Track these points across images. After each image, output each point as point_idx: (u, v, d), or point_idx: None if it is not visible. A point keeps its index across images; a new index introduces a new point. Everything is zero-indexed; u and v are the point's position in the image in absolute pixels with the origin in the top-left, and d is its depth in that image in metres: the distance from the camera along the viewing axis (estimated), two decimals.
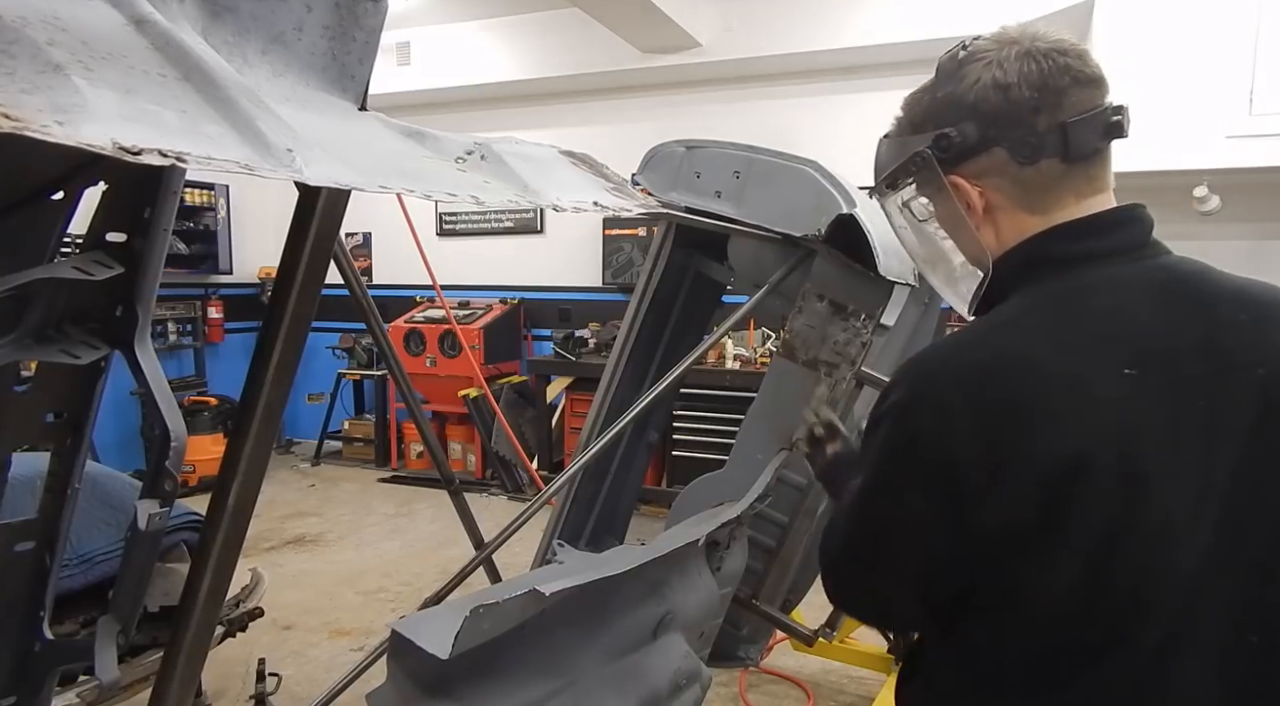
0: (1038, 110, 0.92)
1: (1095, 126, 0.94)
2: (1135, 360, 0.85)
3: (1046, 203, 0.96)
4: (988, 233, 1.00)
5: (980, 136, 0.95)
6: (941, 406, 0.88)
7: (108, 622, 1.30)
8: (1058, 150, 0.93)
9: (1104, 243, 0.94)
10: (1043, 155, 0.93)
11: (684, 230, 2.22)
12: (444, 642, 1.12)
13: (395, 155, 0.86)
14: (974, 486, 0.85)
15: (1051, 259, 0.95)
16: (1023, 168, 0.94)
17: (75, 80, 0.56)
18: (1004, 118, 0.94)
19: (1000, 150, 0.95)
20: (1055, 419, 0.83)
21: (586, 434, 2.33)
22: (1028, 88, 0.92)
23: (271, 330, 0.95)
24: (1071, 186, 0.95)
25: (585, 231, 6.53)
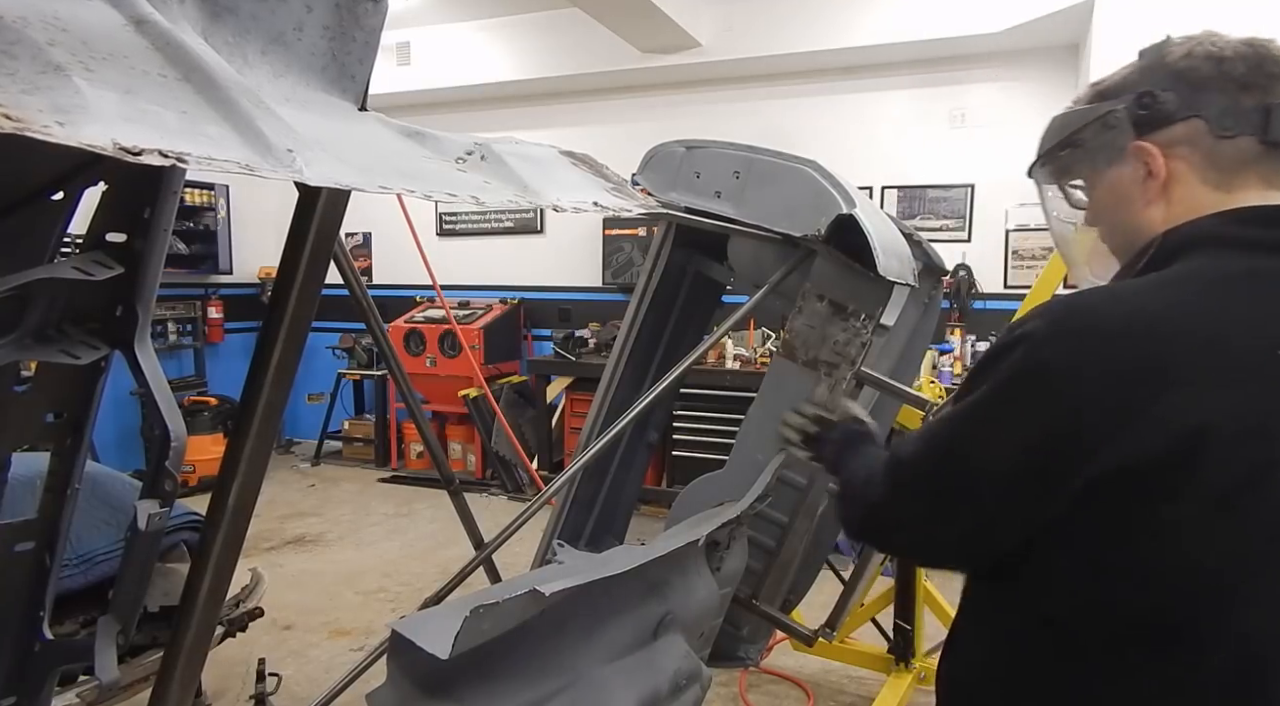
0: (1247, 87, 0.93)
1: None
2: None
3: (1234, 181, 0.95)
4: (1158, 207, 0.99)
5: (1182, 103, 0.95)
6: (1085, 347, 0.86)
7: (108, 622, 1.30)
8: (1258, 129, 0.93)
9: (1273, 233, 0.92)
10: (1243, 131, 0.93)
11: (684, 230, 2.22)
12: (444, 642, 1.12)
13: (395, 155, 0.86)
14: (1096, 432, 0.84)
15: (1231, 238, 0.92)
16: (1219, 141, 0.94)
17: (76, 81, 0.56)
18: (1212, 87, 0.94)
19: (1199, 121, 0.95)
20: (1193, 385, 0.83)
21: (586, 434, 2.33)
22: (1242, 64, 0.94)
23: (271, 330, 0.95)
24: (1262, 170, 0.94)
25: (585, 231, 6.53)
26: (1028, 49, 5.11)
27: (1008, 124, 5.25)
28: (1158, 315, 0.87)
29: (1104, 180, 1.04)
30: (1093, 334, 0.87)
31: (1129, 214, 1.01)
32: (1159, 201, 0.98)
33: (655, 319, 2.38)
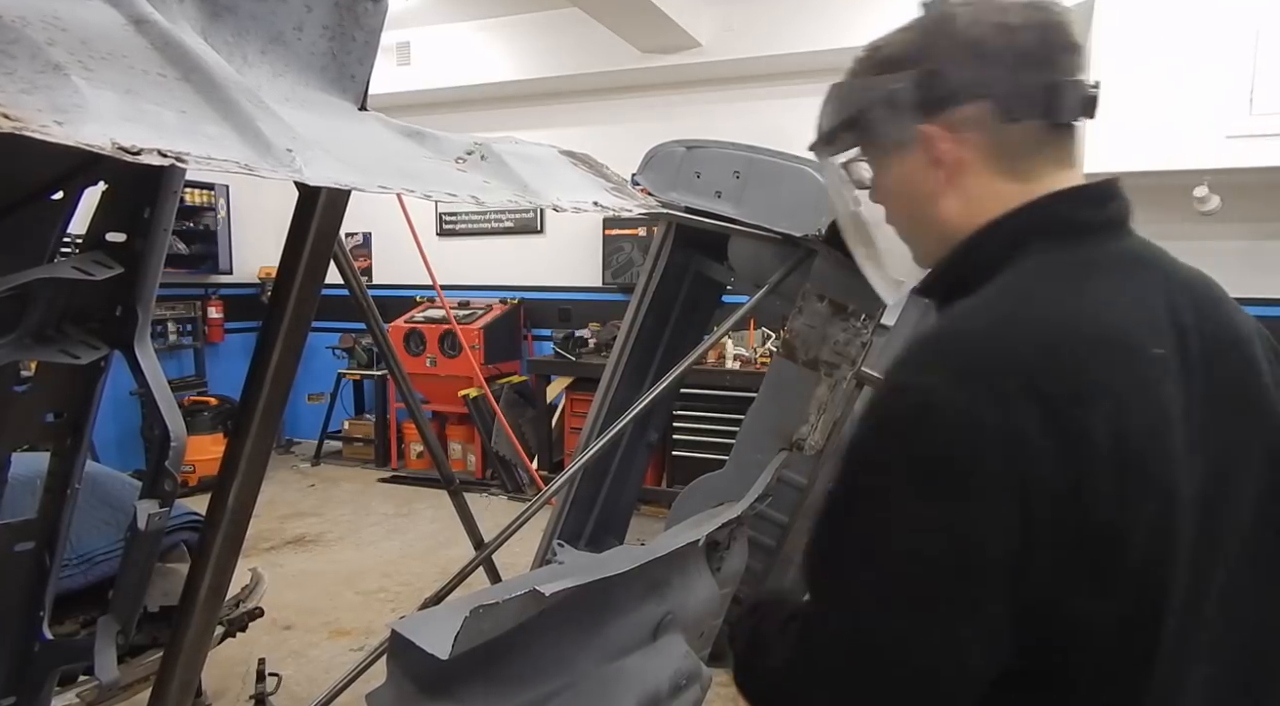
0: (1036, 62, 0.83)
1: (1077, 95, 0.84)
2: (1158, 340, 0.76)
3: (1027, 169, 0.85)
4: (950, 199, 0.88)
5: (970, 81, 0.84)
6: (998, 394, 0.70)
7: (108, 622, 1.30)
8: (1043, 110, 0.83)
9: (1099, 213, 0.85)
10: (1029, 114, 0.83)
11: (684, 230, 2.22)
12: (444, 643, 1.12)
13: (395, 155, 0.86)
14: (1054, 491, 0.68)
15: (1059, 227, 0.83)
16: (1005, 126, 0.84)
17: (75, 80, 0.56)
18: (1001, 63, 0.83)
19: (986, 102, 0.83)
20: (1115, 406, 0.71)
21: (586, 434, 2.33)
22: (1032, 35, 0.82)
23: (271, 330, 0.95)
24: (1052, 154, 0.85)
25: (585, 231, 6.53)
26: None
27: None
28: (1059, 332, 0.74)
29: (889, 167, 0.93)
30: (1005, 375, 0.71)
31: (920, 205, 0.91)
32: (950, 192, 0.88)
33: (655, 319, 2.38)
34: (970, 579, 0.70)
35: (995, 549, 0.69)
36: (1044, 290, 0.79)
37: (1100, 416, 0.70)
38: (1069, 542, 0.70)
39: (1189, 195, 4.33)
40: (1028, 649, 0.72)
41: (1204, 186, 4.28)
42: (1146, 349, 0.75)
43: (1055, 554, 0.69)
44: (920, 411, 0.72)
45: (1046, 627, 0.72)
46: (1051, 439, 0.69)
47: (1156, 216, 4.93)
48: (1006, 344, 0.74)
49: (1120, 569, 0.71)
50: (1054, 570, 0.70)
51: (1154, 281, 0.82)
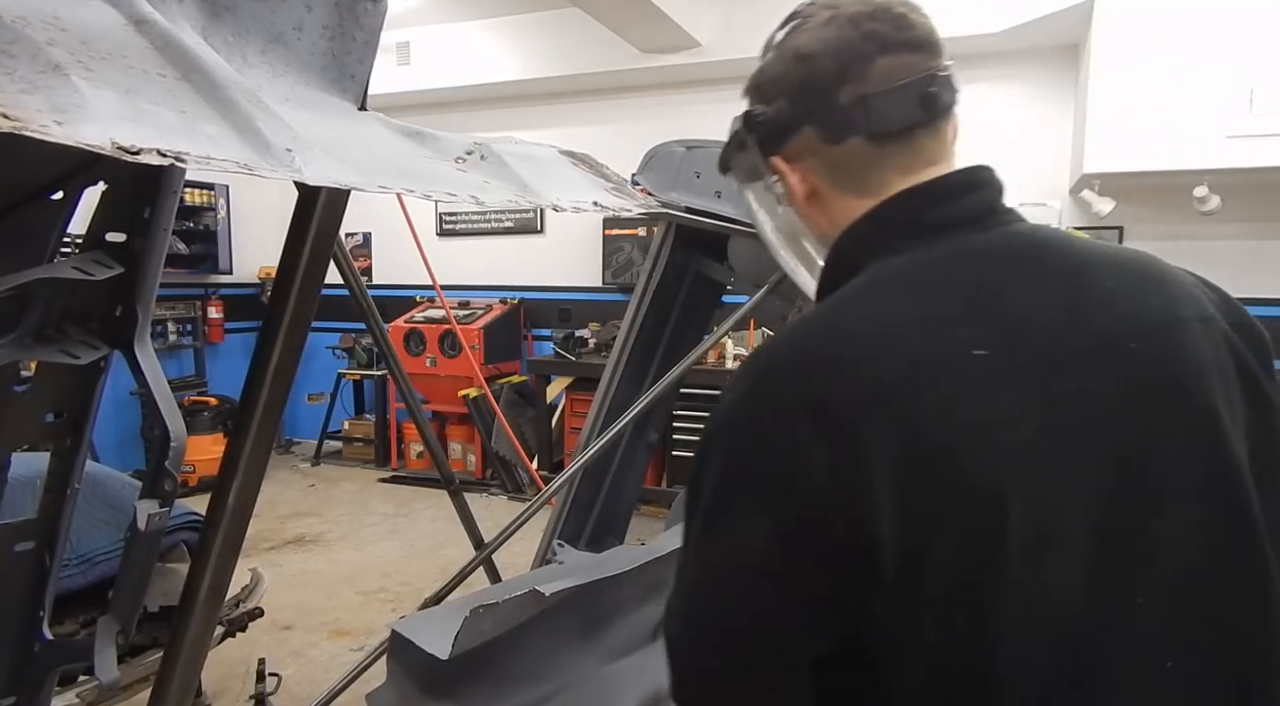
0: (841, 82, 0.82)
1: (907, 97, 0.82)
2: (987, 339, 0.73)
3: (868, 184, 0.85)
4: (820, 219, 0.90)
5: (791, 114, 0.86)
6: (783, 405, 0.72)
7: (108, 622, 1.30)
8: (863, 127, 0.82)
9: (948, 210, 0.82)
10: (848, 133, 0.83)
11: (684, 230, 2.22)
12: (444, 643, 1.12)
13: (395, 155, 0.86)
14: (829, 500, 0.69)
15: (891, 232, 0.83)
16: (831, 148, 0.84)
17: (75, 80, 0.56)
18: (808, 92, 0.84)
19: (809, 129, 0.85)
20: (903, 417, 0.69)
21: (586, 434, 2.33)
22: (829, 58, 0.82)
23: (271, 330, 0.95)
24: (892, 164, 0.84)
25: (585, 231, 6.53)
26: (1028, 49, 5.11)
27: (1008, 124, 5.25)
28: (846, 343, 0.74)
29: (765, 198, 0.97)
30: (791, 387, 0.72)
31: (808, 224, 0.93)
32: (816, 213, 0.90)
33: (655, 319, 2.38)
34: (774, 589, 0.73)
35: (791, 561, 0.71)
36: (853, 301, 0.79)
37: (880, 426, 0.69)
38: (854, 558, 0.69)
39: (1189, 195, 4.33)
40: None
41: (1204, 186, 4.29)
42: (958, 352, 0.72)
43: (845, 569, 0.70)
44: (722, 428, 0.76)
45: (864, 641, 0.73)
46: (830, 452, 0.69)
47: (1156, 216, 4.93)
48: (799, 358, 0.75)
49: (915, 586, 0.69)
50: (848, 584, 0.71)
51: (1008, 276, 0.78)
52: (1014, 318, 0.75)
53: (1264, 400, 0.80)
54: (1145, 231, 4.94)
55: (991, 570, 0.69)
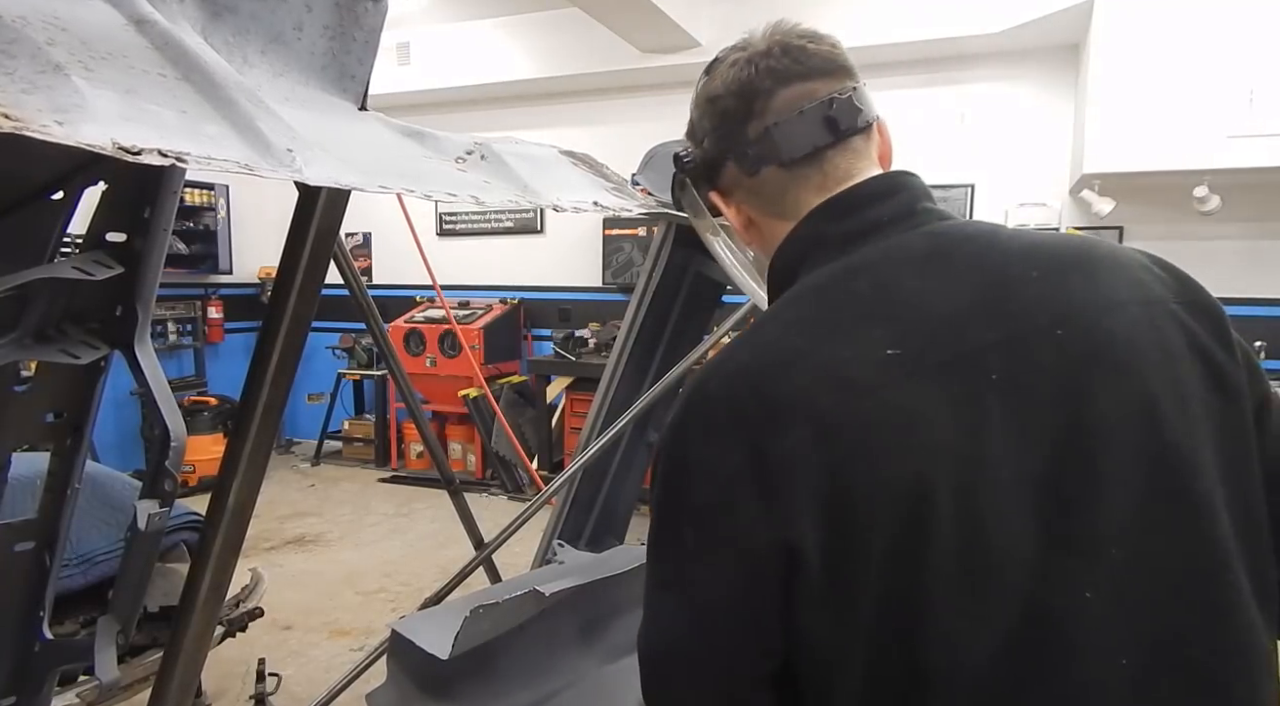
0: (746, 118, 0.88)
1: (808, 123, 0.86)
2: (901, 338, 0.73)
3: (786, 207, 0.89)
4: (759, 245, 0.97)
5: (715, 152, 0.93)
6: (709, 423, 0.75)
7: (108, 622, 1.30)
8: (772, 156, 0.87)
9: (855, 220, 0.85)
10: (762, 163, 0.88)
11: (684, 230, 2.22)
12: (444, 643, 1.12)
13: (395, 155, 0.86)
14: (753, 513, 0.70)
15: (809, 246, 0.87)
16: (751, 178, 0.90)
17: (75, 80, 0.56)
18: (721, 130, 0.91)
19: (731, 164, 0.91)
20: (817, 422, 0.70)
21: (586, 434, 2.33)
22: (732, 97, 0.89)
23: (271, 330, 0.95)
24: (807, 186, 0.88)
25: (585, 231, 6.53)
26: (1028, 49, 5.11)
27: (1008, 124, 5.25)
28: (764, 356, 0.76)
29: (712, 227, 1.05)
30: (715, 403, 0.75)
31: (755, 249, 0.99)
32: (757, 243, 0.96)
33: (655, 319, 2.38)
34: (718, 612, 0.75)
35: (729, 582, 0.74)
36: (771, 316, 0.82)
37: (799, 435, 0.70)
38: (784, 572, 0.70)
39: (1189, 195, 4.33)
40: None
41: (1204, 186, 4.29)
42: (872, 353, 0.72)
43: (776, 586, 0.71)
44: (660, 454, 0.79)
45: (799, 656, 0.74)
46: (752, 467, 0.71)
47: (1156, 216, 4.93)
48: (722, 375, 0.78)
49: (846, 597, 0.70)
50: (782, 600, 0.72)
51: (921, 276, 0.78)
52: (927, 315, 0.75)
53: (1225, 379, 0.78)
54: (1145, 231, 4.94)
55: (923, 574, 0.69)
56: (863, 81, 0.90)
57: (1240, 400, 0.78)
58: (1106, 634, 0.70)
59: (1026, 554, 0.70)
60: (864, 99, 0.89)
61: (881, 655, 0.70)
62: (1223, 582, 0.73)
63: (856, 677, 0.71)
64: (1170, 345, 0.77)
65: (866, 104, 0.89)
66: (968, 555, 0.69)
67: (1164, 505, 0.73)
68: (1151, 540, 0.72)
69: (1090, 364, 0.74)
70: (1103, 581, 0.70)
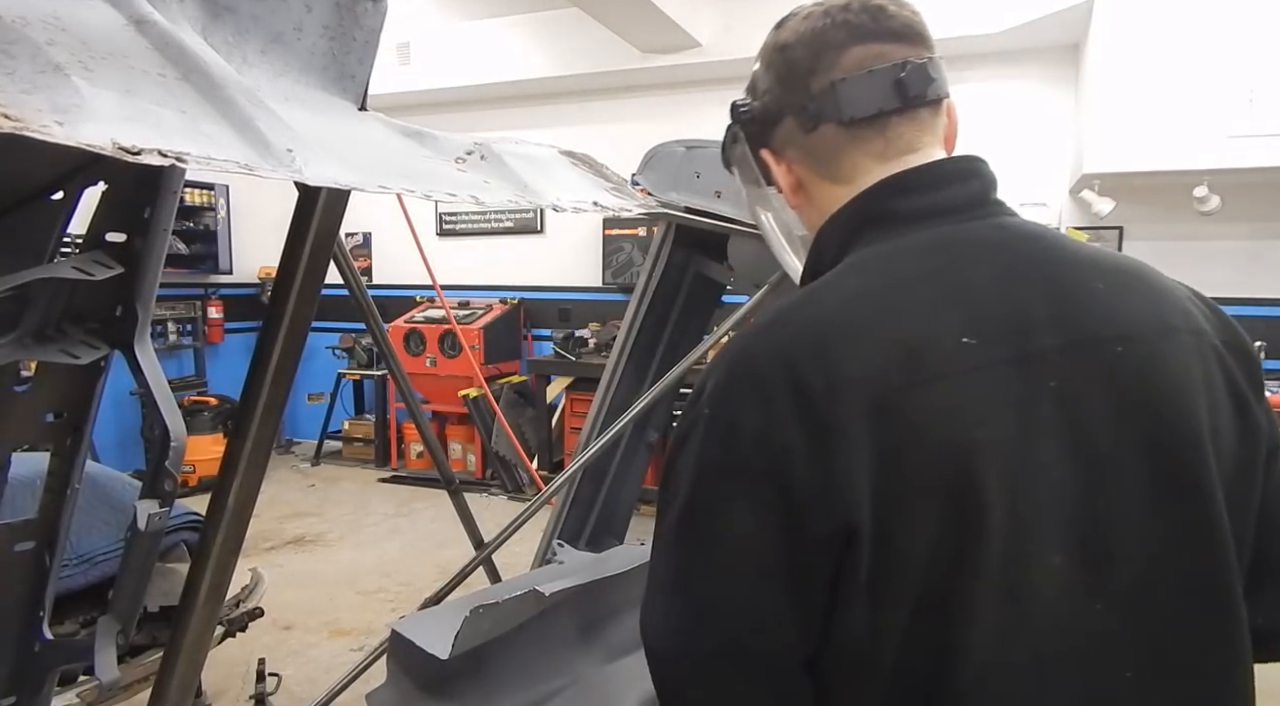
0: (812, 70, 0.84)
1: (877, 84, 0.82)
2: (974, 328, 0.71)
3: (842, 170, 0.86)
4: (807, 209, 0.92)
5: (773, 106, 0.89)
6: (761, 389, 0.71)
7: (108, 622, 1.30)
8: (834, 113, 0.83)
9: (933, 199, 0.82)
10: (821, 120, 0.84)
11: (684, 230, 2.22)
12: (444, 642, 1.12)
13: (395, 155, 0.86)
14: (807, 487, 0.68)
15: (869, 220, 0.83)
16: (807, 136, 0.86)
17: (75, 80, 0.56)
18: (786, 82, 0.87)
19: (789, 119, 0.87)
20: (882, 401, 0.68)
21: (586, 434, 2.33)
22: (802, 47, 0.85)
23: (271, 330, 0.95)
24: (866, 150, 0.84)
25: (585, 231, 6.53)
26: (1028, 48, 5.11)
27: (1008, 123, 5.25)
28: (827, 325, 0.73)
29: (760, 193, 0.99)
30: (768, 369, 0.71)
31: (801, 216, 0.95)
32: (804, 204, 0.92)
33: (655, 319, 2.38)
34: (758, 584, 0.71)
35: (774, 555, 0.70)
36: (831, 287, 0.78)
37: (857, 409, 0.67)
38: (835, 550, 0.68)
39: (1189, 195, 4.33)
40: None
41: (1204, 186, 4.28)
42: (945, 339, 0.71)
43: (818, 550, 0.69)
44: (699, 418, 0.74)
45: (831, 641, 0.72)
46: (804, 434, 0.68)
47: (1156, 216, 4.93)
48: (776, 344, 0.74)
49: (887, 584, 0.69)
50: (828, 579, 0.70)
51: (991, 270, 0.77)
52: (997, 309, 0.73)
53: (1252, 423, 0.79)
54: (1145, 231, 4.94)
55: (964, 572, 0.68)
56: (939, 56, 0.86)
57: (1259, 445, 0.79)
58: (1116, 649, 0.71)
59: (1059, 564, 0.70)
60: (939, 71, 0.85)
61: (911, 654, 0.70)
62: (1231, 617, 0.75)
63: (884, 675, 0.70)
64: (1212, 378, 0.77)
65: (941, 77, 0.85)
66: (1011, 562, 0.69)
67: (1187, 534, 0.74)
68: (1169, 563, 0.73)
69: (1143, 383, 0.74)
70: (1117, 597, 0.71)
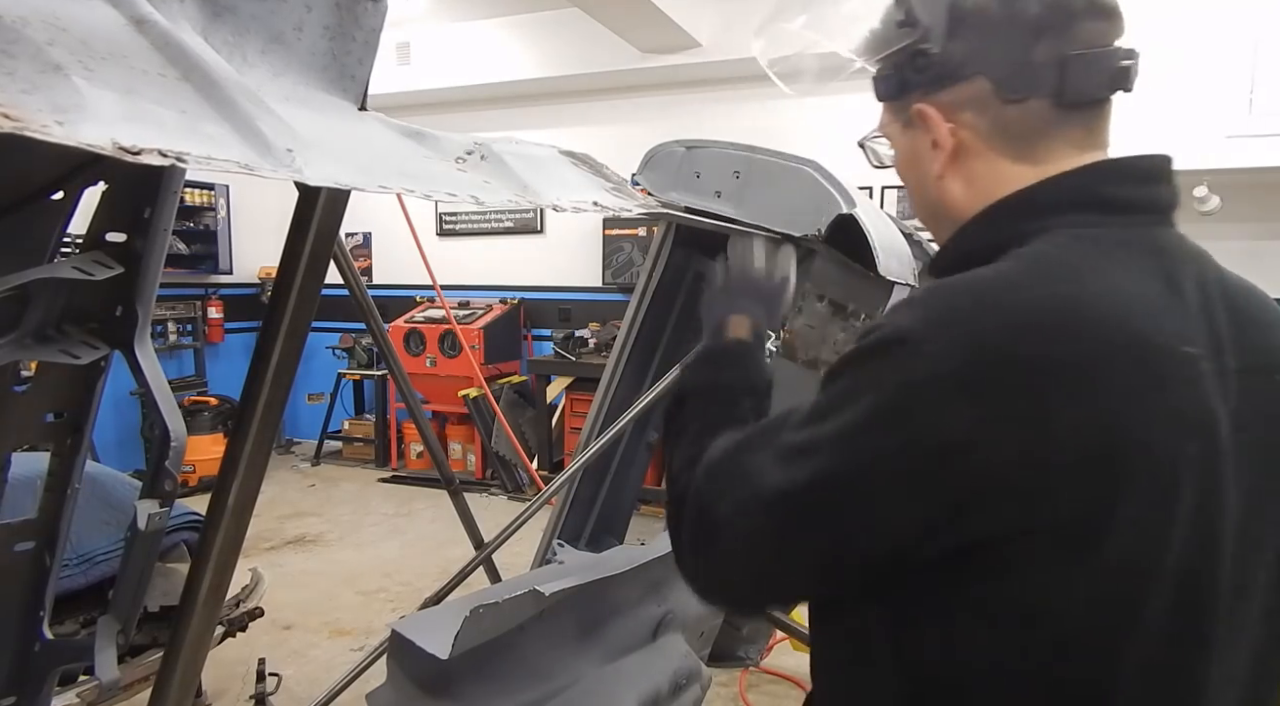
0: (1040, 33, 0.74)
1: (1101, 69, 0.76)
2: (1190, 338, 0.69)
3: (1036, 151, 0.77)
4: (954, 182, 0.81)
5: (966, 57, 0.77)
6: (982, 350, 0.65)
7: (108, 622, 1.30)
8: (1051, 89, 0.75)
9: (1145, 192, 0.77)
10: (1034, 93, 0.75)
11: (684, 230, 2.22)
12: (444, 643, 1.12)
13: (395, 155, 0.86)
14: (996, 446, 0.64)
15: (1081, 203, 0.75)
16: (1006, 106, 0.77)
17: (75, 80, 0.56)
18: (999, 36, 0.76)
19: (984, 79, 0.76)
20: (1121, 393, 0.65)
21: (586, 434, 2.33)
22: (1035, 3, 0.75)
23: (271, 330, 0.95)
24: (1065, 136, 0.77)
25: (585, 231, 6.53)
26: None
27: None
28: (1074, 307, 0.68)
29: (898, 141, 0.87)
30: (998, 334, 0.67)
31: (927, 185, 0.84)
32: (954, 175, 0.81)
33: (655, 319, 2.38)
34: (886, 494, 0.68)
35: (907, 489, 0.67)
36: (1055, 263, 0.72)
37: (1069, 403, 0.64)
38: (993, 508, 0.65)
39: (1189, 195, 4.33)
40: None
41: (1204, 186, 4.29)
42: (1169, 344, 0.68)
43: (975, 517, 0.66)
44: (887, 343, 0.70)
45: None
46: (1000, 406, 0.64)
47: None
48: (993, 303, 0.69)
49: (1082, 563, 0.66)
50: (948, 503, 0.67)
51: (1190, 279, 0.73)
52: (1200, 323, 0.71)
53: None
54: None
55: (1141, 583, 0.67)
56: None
57: None
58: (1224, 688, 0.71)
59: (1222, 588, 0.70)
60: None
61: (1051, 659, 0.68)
62: None
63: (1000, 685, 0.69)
64: None
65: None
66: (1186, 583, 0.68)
67: None
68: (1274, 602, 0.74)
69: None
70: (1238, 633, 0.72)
